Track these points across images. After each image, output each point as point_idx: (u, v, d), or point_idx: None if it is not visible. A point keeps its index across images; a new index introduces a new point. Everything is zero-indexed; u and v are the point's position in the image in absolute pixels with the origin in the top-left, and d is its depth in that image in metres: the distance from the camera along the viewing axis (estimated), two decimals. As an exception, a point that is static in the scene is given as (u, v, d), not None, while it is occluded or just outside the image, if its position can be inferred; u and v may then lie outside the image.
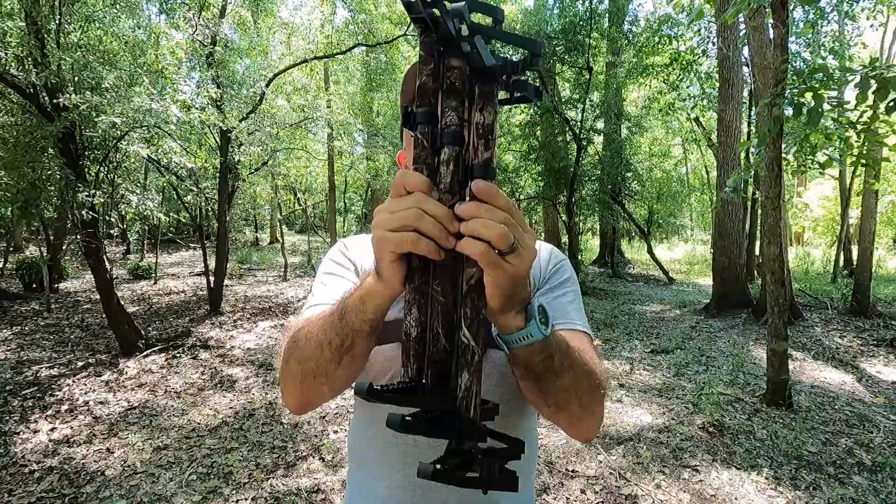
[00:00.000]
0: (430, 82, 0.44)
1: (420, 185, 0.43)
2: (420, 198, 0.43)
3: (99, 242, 4.54)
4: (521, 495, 0.82)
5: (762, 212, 3.92)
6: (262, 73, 6.67)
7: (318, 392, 0.63)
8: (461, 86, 0.44)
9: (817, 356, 5.07)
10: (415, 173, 0.44)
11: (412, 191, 0.43)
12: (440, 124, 0.44)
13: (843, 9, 9.03)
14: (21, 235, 11.37)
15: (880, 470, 2.81)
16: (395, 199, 0.44)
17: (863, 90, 2.65)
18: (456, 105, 0.43)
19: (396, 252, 0.44)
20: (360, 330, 0.54)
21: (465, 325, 0.44)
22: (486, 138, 0.43)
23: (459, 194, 0.44)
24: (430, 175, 0.44)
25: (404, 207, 0.43)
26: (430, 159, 0.44)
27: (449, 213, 0.43)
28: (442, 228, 0.43)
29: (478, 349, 0.44)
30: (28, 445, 2.98)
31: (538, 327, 0.51)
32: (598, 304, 8.04)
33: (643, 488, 2.59)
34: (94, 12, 4.92)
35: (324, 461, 2.86)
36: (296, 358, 0.61)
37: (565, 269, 0.84)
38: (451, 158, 0.43)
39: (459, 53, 0.43)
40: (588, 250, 15.07)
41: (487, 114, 0.43)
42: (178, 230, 16.05)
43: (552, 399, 0.60)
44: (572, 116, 9.23)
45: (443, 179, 0.44)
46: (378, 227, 0.45)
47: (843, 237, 10.82)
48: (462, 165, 0.44)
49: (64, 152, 4.23)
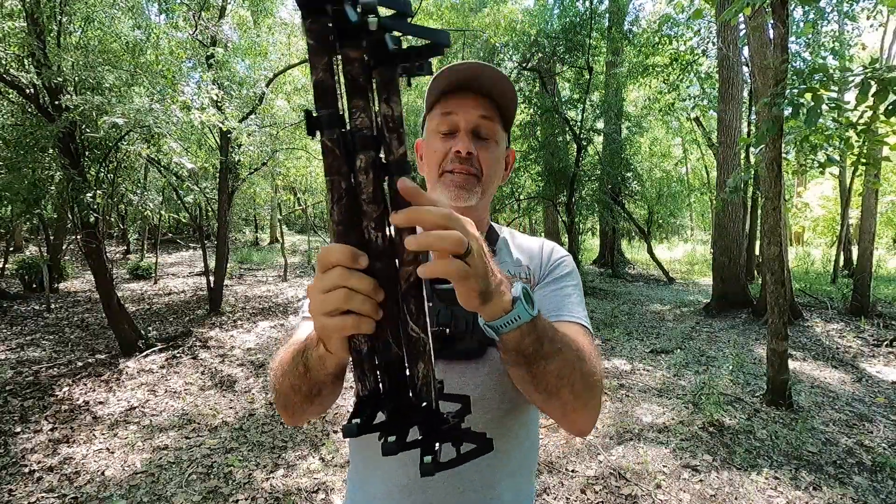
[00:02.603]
0: (327, 79, 0.39)
1: (342, 259, 0.42)
2: (344, 274, 0.42)
3: (99, 242, 4.54)
4: (522, 495, 0.82)
5: (762, 212, 3.92)
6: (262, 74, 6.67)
7: (304, 416, 0.67)
8: (365, 80, 0.39)
9: (817, 356, 5.07)
10: (336, 247, 0.42)
11: (335, 265, 0.43)
12: (350, 126, 0.41)
13: (842, 9, 9.03)
14: (21, 235, 11.37)
15: (880, 470, 2.81)
16: (320, 276, 0.44)
17: (863, 92, 2.65)
18: (363, 104, 0.40)
19: (340, 334, 0.45)
20: (325, 382, 0.57)
21: (411, 320, 0.44)
22: (397, 132, 0.40)
23: (383, 202, 0.42)
24: (348, 185, 0.41)
25: (331, 286, 0.43)
26: (344, 167, 0.41)
27: (373, 284, 0.43)
28: (372, 303, 0.43)
29: (427, 339, 0.45)
30: (28, 445, 2.98)
31: (525, 308, 0.52)
32: (598, 304, 8.04)
33: (643, 488, 2.59)
34: (94, 12, 4.92)
35: (324, 461, 2.86)
36: (276, 389, 0.65)
37: (567, 264, 0.85)
38: (369, 165, 0.40)
39: (357, 42, 0.38)
40: (588, 250, 15.07)
41: (394, 104, 0.40)
42: (178, 230, 16.05)
43: (542, 384, 0.59)
44: (572, 116, 9.23)
45: (364, 189, 0.41)
46: (315, 313, 0.45)
47: (843, 237, 10.82)
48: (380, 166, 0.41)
49: (64, 152, 4.23)
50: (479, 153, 0.77)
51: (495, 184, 0.82)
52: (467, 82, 0.76)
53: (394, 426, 0.44)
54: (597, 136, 9.99)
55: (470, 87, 0.77)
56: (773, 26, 3.48)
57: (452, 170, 0.76)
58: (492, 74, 0.75)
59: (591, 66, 8.70)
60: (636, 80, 11.10)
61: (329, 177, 0.41)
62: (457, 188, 0.76)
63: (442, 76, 0.76)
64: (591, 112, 9.60)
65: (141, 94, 4.41)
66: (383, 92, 0.40)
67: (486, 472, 0.74)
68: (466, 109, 0.77)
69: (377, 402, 0.46)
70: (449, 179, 0.77)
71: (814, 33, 9.15)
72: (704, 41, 10.06)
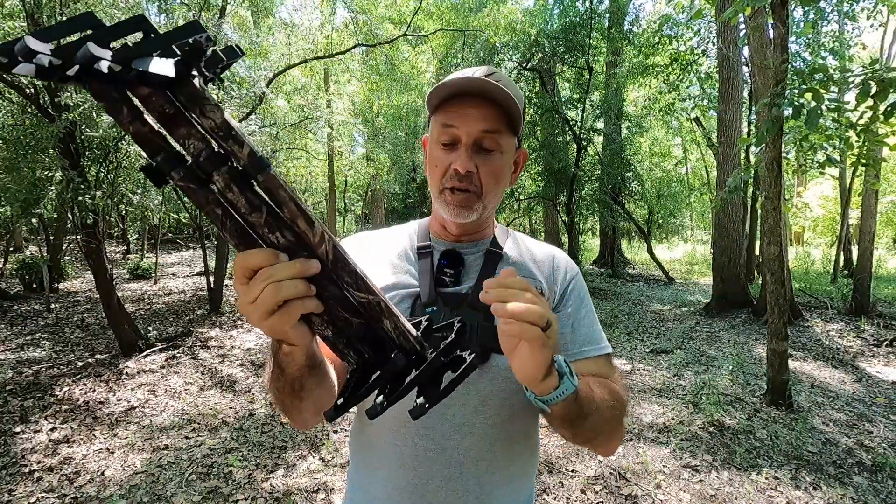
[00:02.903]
0: (139, 128, 0.38)
1: (263, 261, 0.42)
2: (264, 273, 0.42)
3: (99, 242, 4.54)
4: (521, 498, 0.82)
5: (762, 212, 3.91)
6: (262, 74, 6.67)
7: (303, 418, 0.66)
8: (172, 109, 0.38)
9: (817, 356, 5.07)
10: (253, 252, 0.42)
11: (258, 268, 0.42)
12: (189, 156, 0.39)
13: (842, 9, 9.02)
14: (21, 235, 11.37)
15: (880, 470, 2.81)
16: (245, 286, 0.43)
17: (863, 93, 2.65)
18: (187, 131, 0.38)
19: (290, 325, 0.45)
20: (302, 376, 0.56)
21: (353, 289, 0.45)
22: (231, 136, 0.39)
23: (262, 204, 0.41)
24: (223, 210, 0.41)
25: (260, 290, 0.42)
26: (210, 195, 0.40)
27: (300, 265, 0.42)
28: (301, 282, 0.42)
29: (378, 298, 0.46)
30: (28, 445, 2.98)
31: (570, 381, 0.57)
32: (598, 304, 8.04)
33: (643, 488, 2.59)
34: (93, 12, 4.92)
35: (324, 461, 2.86)
36: (273, 397, 0.65)
37: (580, 281, 0.86)
38: (228, 181, 0.39)
39: (135, 82, 0.36)
40: (588, 250, 15.07)
41: (211, 114, 0.38)
42: (178, 230, 16.05)
43: (581, 437, 0.67)
44: (572, 116, 9.23)
45: (238, 204, 0.40)
46: (256, 322, 0.45)
47: (843, 237, 10.82)
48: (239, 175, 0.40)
49: (64, 152, 4.23)
50: (480, 168, 0.74)
51: (499, 195, 0.79)
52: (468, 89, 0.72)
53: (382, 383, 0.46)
54: (597, 136, 9.99)
55: (472, 94, 0.72)
56: (773, 26, 3.48)
57: (452, 188, 0.74)
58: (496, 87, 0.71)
59: (591, 66, 8.71)
60: (636, 80, 11.10)
61: (203, 210, 0.40)
62: (457, 207, 0.75)
63: (444, 86, 0.72)
64: (591, 112, 9.60)
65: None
66: (193, 109, 0.38)
67: (485, 476, 0.74)
68: (468, 122, 0.72)
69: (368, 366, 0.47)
70: (449, 198, 0.75)
71: (814, 33, 9.15)
72: (704, 41, 10.06)
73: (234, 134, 0.39)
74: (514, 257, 0.84)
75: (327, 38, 12.70)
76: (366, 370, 0.47)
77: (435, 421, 0.72)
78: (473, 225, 0.81)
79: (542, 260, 0.85)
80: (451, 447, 0.73)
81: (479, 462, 0.74)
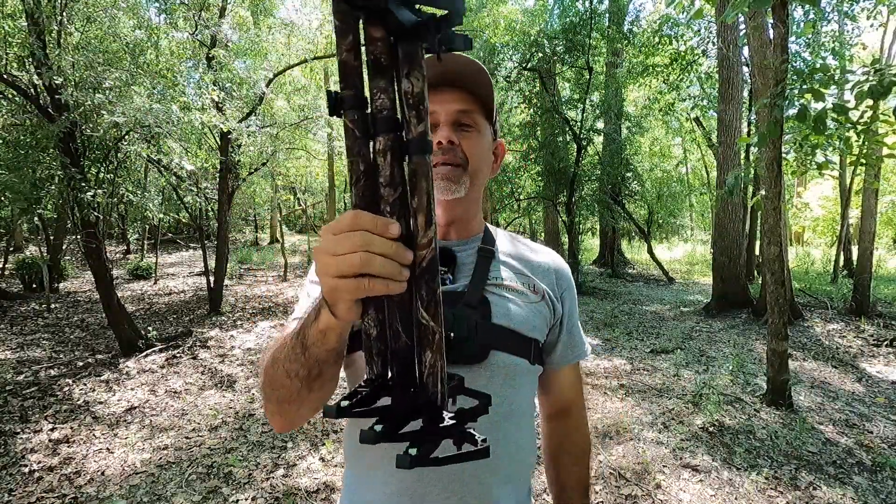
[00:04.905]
0: (351, 59, 0.40)
1: (371, 226, 0.40)
2: (367, 238, 0.40)
3: (99, 242, 4.54)
4: (520, 498, 0.82)
5: (762, 212, 3.91)
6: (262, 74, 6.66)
7: (298, 415, 0.63)
8: (387, 60, 0.40)
9: (817, 356, 5.07)
10: (367, 214, 0.41)
11: (360, 229, 0.40)
12: (371, 108, 0.40)
13: (842, 9, 9.02)
14: (21, 235, 11.37)
15: (880, 470, 2.81)
16: (335, 238, 0.41)
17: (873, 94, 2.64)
18: (385, 85, 0.40)
19: (356, 297, 0.43)
20: (325, 360, 0.53)
21: (422, 307, 0.43)
22: (417, 109, 0.40)
23: (401, 184, 0.41)
24: (366, 167, 0.41)
25: (348, 250, 0.40)
26: (364, 149, 0.41)
27: (398, 247, 0.40)
28: (394, 265, 0.41)
29: (437, 328, 0.43)
30: (28, 445, 2.98)
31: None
32: (598, 304, 8.04)
33: (643, 488, 2.59)
34: (94, 12, 4.92)
35: (324, 461, 2.86)
36: (270, 383, 0.60)
37: (572, 281, 0.90)
38: (387, 148, 0.40)
39: (379, 20, 0.39)
40: (588, 250, 15.06)
41: (415, 80, 0.39)
42: (178, 230, 16.05)
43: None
44: (572, 116, 9.23)
45: (382, 172, 0.41)
46: (326, 275, 0.42)
47: (843, 237, 10.82)
48: (399, 147, 0.41)
49: (65, 152, 4.24)
50: (462, 142, 0.76)
51: (484, 173, 0.81)
52: (443, 77, 0.75)
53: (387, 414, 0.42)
54: (597, 136, 9.99)
55: (446, 82, 0.76)
56: (773, 26, 3.48)
57: (436, 163, 0.75)
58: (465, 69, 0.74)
59: (591, 66, 8.70)
60: (636, 80, 11.10)
61: (349, 158, 0.41)
62: (444, 181, 0.75)
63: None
64: (591, 112, 9.60)
65: (141, 94, 4.41)
66: (404, 66, 0.39)
67: (484, 477, 0.74)
68: (444, 104, 0.76)
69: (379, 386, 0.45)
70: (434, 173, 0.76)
71: (814, 33, 9.15)
72: (704, 41, 10.06)
73: (420, 108, 0.40)
74: (506, 255, 0.84)
75: (327, 38, 12.69)
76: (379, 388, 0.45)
77: None
78: (461, 209, 0.80)
79: (534, 258, 0.86)
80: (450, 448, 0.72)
81: (478, 462, 0.73)
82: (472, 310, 0.73)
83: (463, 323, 0.71)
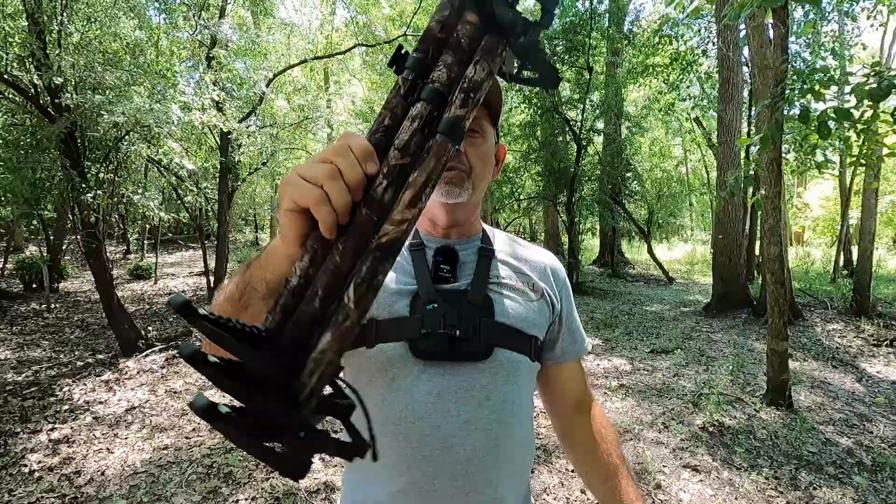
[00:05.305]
0: (437, 30, 0.41)
1: (357, 149, 0.38)
2: (349, 161, 0.38)
3: (99, 242, 4.54)
4: (523, 493, 0.82)
5: (762, 212, 3.92)
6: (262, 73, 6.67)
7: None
8: (466, 44, 0.40)
9: (817, 356, 5.07)
10: (359, 139, 0.39)
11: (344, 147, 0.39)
12: (428, 78, 0.40)
13: (842, 9, 9.02)
14: (21, 235, 11.36)
15: (880, 470, 2.81)
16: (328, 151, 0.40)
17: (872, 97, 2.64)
18: (451, 62, 0.40)
19: (295, 202, 0.39)
20: (256, 289, 0.52)
21: (353, 283, 0.36)
22: (466, 94, 0.39)
23: (416, 156, 0.39)
24: (391, 125, 0.40)
25: (326, 161, 0.39)
26: (399, 109, 0.40)
27: (362, 179, 0.38)
28: (346, 202, 0.38)
29: (355, 316, 0.35)
30: (28, 445, 2.98)
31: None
32: (598, 304, 8.04)
33: (643, 488, 2.59)
34: (94, 12, 4.92)
35: (324, 461, 2.86)
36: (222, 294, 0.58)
37: (567, 279, 0.92)
38: (419, 116, 0.39)
39: (478, 8, 0.40)
40: (588, 250, 15.06)
41: (480, 69, 0.39)
42: (178, 230, 16.05)
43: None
44: (572, 116, 9.23)
45: (400, 135, 0.39)
46: (294, 171, 0.41)
47: (843, 237, 10.82)
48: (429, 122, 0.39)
49: (65, 153, 4.24)
50: (468, 150, 0.76)
51: (486, 179, 0.81)
52: None
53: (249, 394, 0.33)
54: (597, 136, 9.99)
55: None
56: (773, 26, 3.48)
57: None
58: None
59: (591, 66, 8.70)
60: (636, 80, 11.10)
61: (381, 111, 0.41)
62: (447, 185, 0.75)
63: None
64: (591, 112, 9.60)
65: (141, 94, 4.41)
66: (479, 54, 0.40)
67: (490, 472, 0.74)
68: None
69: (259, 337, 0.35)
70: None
71: (814, 33, 9.15)
72: (704, 41, 10.06)
73: (471, 95, 0.39)
74: (504, 254, 0.85)
75: (327, 38, 12.70)
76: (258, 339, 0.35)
77: (439, 419, 0.71)
78: (462, 214, 0.81)
79: (531, 257, 0.88)
80: (457, 444, 0.72)
81: (485, 458, 0.73)
82: (475, 308, 0.74)
83: (468, 322, 0.72)
